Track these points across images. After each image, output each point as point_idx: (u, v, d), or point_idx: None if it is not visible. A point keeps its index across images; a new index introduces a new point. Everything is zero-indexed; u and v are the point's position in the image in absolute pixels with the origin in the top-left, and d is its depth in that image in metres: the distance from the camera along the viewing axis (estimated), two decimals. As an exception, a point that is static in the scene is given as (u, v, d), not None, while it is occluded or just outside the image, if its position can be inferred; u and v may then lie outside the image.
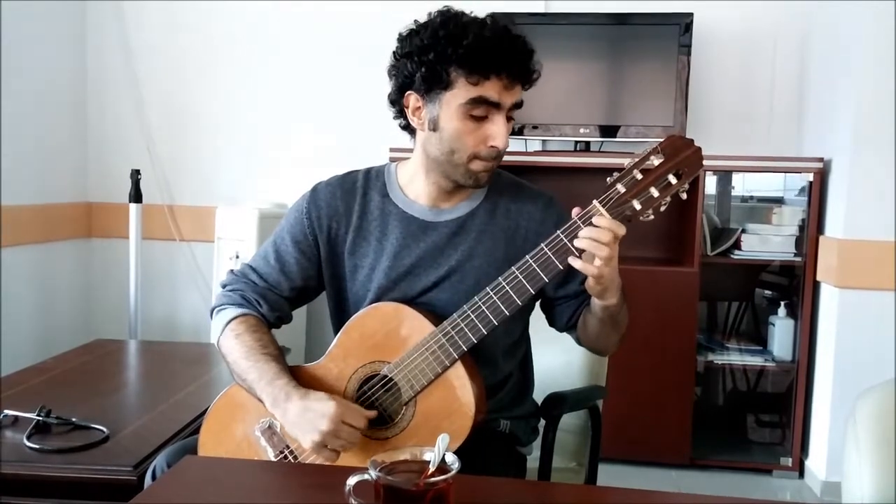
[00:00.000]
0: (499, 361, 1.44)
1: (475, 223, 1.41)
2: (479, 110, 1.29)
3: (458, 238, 1.40)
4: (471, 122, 1.30)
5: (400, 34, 1.36)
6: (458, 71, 1.27)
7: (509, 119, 1.32)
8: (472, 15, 1.32)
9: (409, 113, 1.36)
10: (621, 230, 1.20)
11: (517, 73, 1.30)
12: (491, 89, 1.28)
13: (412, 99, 1.34)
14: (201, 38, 3.55)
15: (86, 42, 3.61)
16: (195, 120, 3.59)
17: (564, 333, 1.51)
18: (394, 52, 1.36)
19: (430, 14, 1.34)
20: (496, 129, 1.30)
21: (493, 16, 1.33)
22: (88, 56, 3.62)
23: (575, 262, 1.21)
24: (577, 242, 1.20)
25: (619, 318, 1.37)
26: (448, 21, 1.30)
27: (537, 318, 1.52)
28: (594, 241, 1.19)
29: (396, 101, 1.38)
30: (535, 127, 3.18)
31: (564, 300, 1.45)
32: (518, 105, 1.33)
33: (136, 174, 3.30)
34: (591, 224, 1.20)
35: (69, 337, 3.37)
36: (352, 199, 1.44)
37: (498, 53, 1.27)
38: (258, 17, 3.51)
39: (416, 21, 1.35)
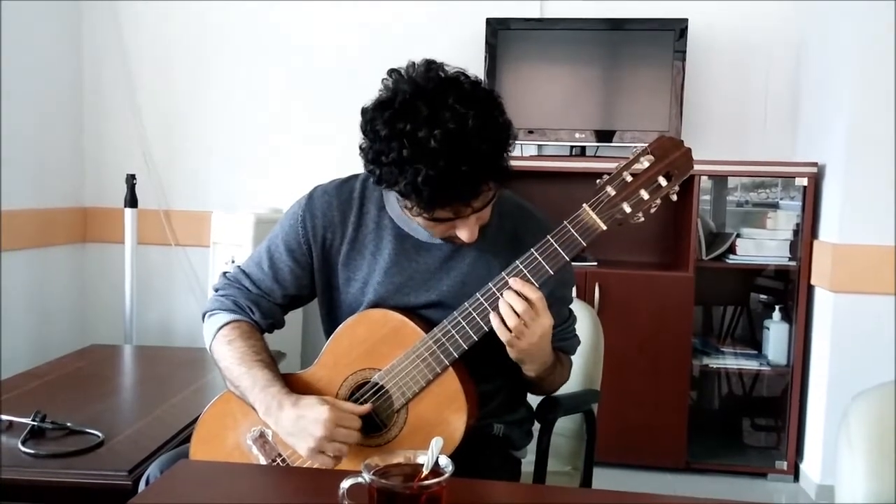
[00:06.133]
0: (492, 368, 1.42)
1: (471, 249, 1.36)
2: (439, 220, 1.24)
3: (452, 263, 1.37)
4: (434, 221, 1.25)
5: (363, 109, 1.23)
6: (410, 196, 1.19)
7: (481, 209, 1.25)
8: (424, 117, 1.15)
9: None
10: (532, 293, 1.21)
11: (468, 200, 1.20)
12: (442, 214, 1.22)
13: None
14: (197, 43, 3.56)
15: (82, 47, 3.61)
16: (191, 125, 3.59)
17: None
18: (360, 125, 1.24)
19: (389, 90, 1.21)
20: (461, 228, 1.25)
21: (451, 119, 1.15)
22: (84, 61, 3.62)
23: (494, 320, 1.23)
24: (501, 305, 1.22)
25: (540, 386, 1.43)
26: (391, 140, 1.16)
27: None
28: (508, 309, 1.21)
29: None
30: (530, 132, 3.19)
31: None
32: (493, 197, 1.25)
33: (131, 179, 3.30)
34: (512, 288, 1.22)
35: (64, 342, 3.36)
36: (348, 209, 1.41)
37: (436, 196, 1.17)
38: (254, 24, 3.52)
39: (384, 80, 1.23)
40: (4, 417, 1.76)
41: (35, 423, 1.70)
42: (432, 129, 1.14)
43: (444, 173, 1.14)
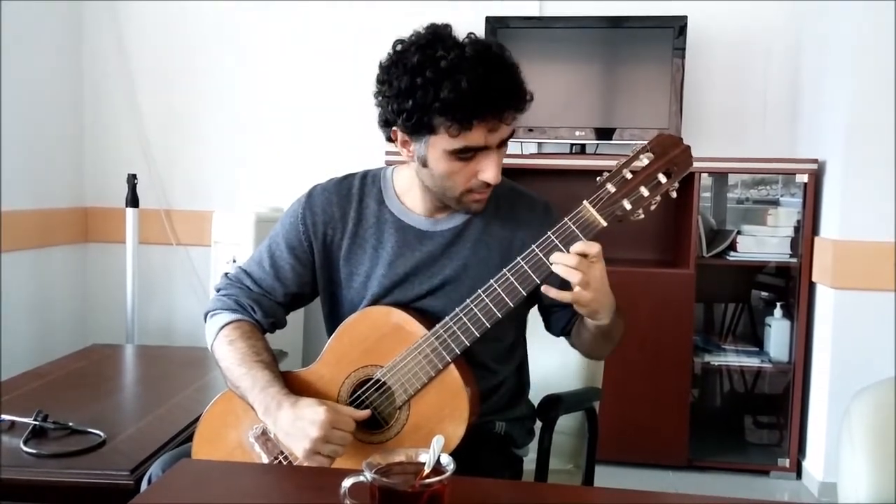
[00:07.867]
0: (493, 365, 1.43)
1: (471, 233, 1.40)
2: (467, 154, 1.26)
3: (454, 248, 1.39)
4: (459, 162, 1.27)
5: (380, 63, 1.30)
6: (439, 119, 1.22)
7: (503, 145, 1.29)
8: (452, 45, 1.24)
9: (397, 145, 1.33)
10: (592, 249, 1.19)
11: (503, 113, 1.25)
12: (475, 137, 1.24)
13: (398, 134, 1.31)
14: (198, 43, 3.56)
15: (82, 47, 3.61)
16: (191, 124, 3.59)
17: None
18: (377, 79, 1.30)
19: (409, 38, 1.28)
20: (487, 165, 1.27)
21: (475, 44, 1.24)
22: (84, 60, 3.62)
23: (549, 292, 1.22)
24: (554, 267, 1.20)
25: (612, 334, 1.37)
26: (424, 63, 1.22)
27: (533, 320, 1.52)
28: (566, 267, 1.19)
29: (384, 130, 1.34)
30: (530, 129, 3.18)
31: (560, 308, 1.43)
32: (511, 134, 1.29)
33: (132, 179, 3.30)
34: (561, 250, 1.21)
35: (66, 342, 3.36)
36: (347, 205, 1.43)
37: (478, 102, 1.21)
38: (254, 22, 3.52)
39: (395, 47, 1.28)
40: (6, 417, 1.76)
41: (37, 423, 1.70)
42: (463, 49, 1.23)
43: (484, 78, 1.20)
